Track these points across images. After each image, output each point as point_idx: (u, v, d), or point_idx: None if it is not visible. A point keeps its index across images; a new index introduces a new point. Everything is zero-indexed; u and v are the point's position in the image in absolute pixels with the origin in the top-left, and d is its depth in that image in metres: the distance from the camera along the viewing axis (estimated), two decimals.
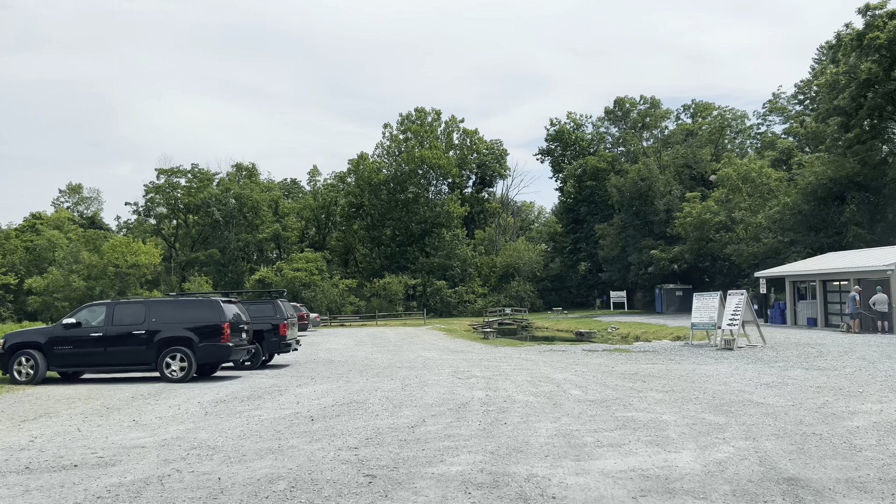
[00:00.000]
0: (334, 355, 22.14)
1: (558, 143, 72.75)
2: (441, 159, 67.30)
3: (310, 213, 75.73)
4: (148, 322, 14.99)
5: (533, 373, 15.46)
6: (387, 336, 33.48)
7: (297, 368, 17.78)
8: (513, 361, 18.58)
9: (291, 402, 11.45)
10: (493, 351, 23.03)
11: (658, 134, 68.25)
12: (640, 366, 16.66)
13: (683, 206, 47.98)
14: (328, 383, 14.17)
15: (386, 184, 68.51)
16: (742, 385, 12.59)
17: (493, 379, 14.34)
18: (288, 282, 59.11)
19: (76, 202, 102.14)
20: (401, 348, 24.85)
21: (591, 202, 65.52)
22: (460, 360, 19.54)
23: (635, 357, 19.04)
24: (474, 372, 15.89)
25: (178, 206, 71.38)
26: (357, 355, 21.88)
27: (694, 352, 19.97)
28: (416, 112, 71.92)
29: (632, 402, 10.66)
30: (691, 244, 46.94)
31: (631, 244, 51.95)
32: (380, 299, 60.62)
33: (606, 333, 38.56)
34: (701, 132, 57.53)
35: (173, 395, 12.85)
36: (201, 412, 10.54)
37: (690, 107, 67.95)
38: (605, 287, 65.03)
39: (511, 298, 62.11)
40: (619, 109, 68.48)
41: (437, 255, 64.17)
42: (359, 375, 15.66)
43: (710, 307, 21.52)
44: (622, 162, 64.40)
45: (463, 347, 25.04)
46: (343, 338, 32.90)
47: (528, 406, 10.41)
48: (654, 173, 50.93)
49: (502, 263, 66.92)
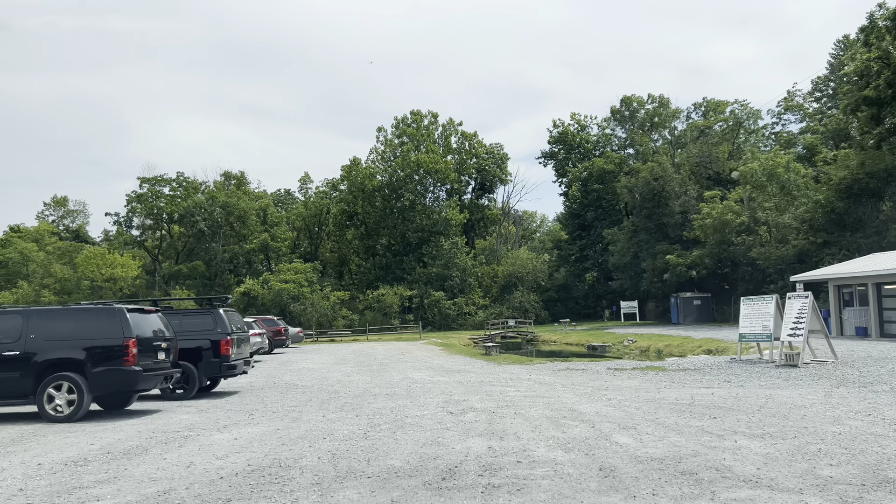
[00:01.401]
0: (303, 378, 18.06)
1: (562, 145, 68.79)
2: (438, 164, 63.39)
3: (301, 222, 71.75)
4: (25, 339, 10.95)
5: (552, 403, 11.40)
6: (375, 352, 29.39)
7: (242, 398, 13.74)
8: (522, 385, 14.53)
9: (183, 462, 7.38)
10: (496, 370, 18.95)
11: (667, 134, 64.44)
12: (691, 391, 12.60)
13: (701, 206, 43.96)
14: (266, 424, 10.10)
15: (380, 190, 64.53)
16: (866, 424, 8.53)
17: (499, 414, 10.28)
18: (275, 294, 55.04)
19: (62, 216, 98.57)
20: (386, 368, 20.76)
21: (598, 207, 61.52)
22: (455, 383, 15.47)
23: (678, 378, 14.97)
24: (472, 402, 11.83)
25: (161, 216, 67.40)
26: (330, 378, 17.80)
27: (749, 370, 15.89)
28: (412, 115, 68.11)
29: (725, 462, 6.61)
30: (711, 248, 42.85)
31: (644, 249, 47.86)
32: (374, 312, 56.47)
33: (623, 347, 34.44)
34: (715, 130, 53.63)
35: (24, 446, 8.79)
36: (14, 488, 6.48)
37: (702, 105, 64.06)
38: (614, 297, 60.90)
39: (514, 310, 57.95)
40: (626, 109, 64.62)
41: (434, 265, 60.10)
42: (316, 410, 11.59)
43: (764, 314, 17.45)
44: (631, 164, 60.54)
45: (460, 366, 20.96)
46: (325, 355, 28.80)
47: (559, 472, 6.36)
48: (668, 172, 46.95)
49: (504, 273, 62.79)
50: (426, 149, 64.55)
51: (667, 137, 59.87)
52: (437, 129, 68.75)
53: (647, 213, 48.01)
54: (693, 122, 56.05)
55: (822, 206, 37.46)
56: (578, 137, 68.67)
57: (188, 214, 65.00)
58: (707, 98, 64.27)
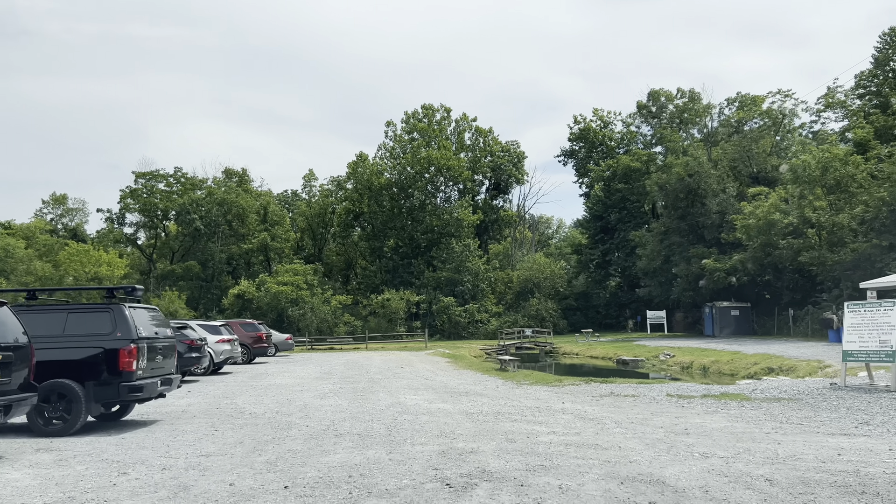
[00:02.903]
0: (261, 400, 13.69)
1: (583, 142, 64.22)
2: (451, 160, 59.04)
3: (304, 222, 67.56)
4: None
5: (613, 461, 6.94)
6: (370, 364, 24.99)
7: (154, 431, 9.40)
8: (557, 420, 10.08)
9: None
10: (516, 393, 14.48)
11: (696, 133, 59.70)
12: (823, 440, 8.09)
13: (742, 205, 39.22)
14: (129, 500, 5.74)
15: (388, 189, 60.25)
16: None
17: (532, 488, 5.85)
18: (272, 297, 50.85)
19: (61, 214, 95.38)
20: (375, 386, 16.34)
21: (623, 208, 56.86)
22: (461, 414, 11.03)
23: (780, 414, 10.44)
24: (485, 457, 7.38)
25: (155, 213, 63.49)
26: (296, 401, 13.40)
27: (871, 402, 11.33)
28: (424, 109, 63.84)
29: None
30: (753, 252, 38.08)
31: (676, 253, 43.10)
32: (378, 318, 52.07)
33: (659, 363, 29.82)
34: (753, 125, 48.91)
35: None
36: None
37: (735, 100, 59.30)
38: (638, 306, 56.14)
39: (530, 318, 53.31)
40: (654, 104, 60.06)
41: (444, 269, 55.65)
42: (228, 468, 7.18)
43: (882, 325, 12.87)
44: (659, 162, 55.92)
45: (470, 384, 16.51)
46: (311, 366, 24.44)
47: None
48: (705, 168, 42.26)
49: (520, 278, 58.22)
50: (438, 145, 60.26)
51: (695, 136, 55.05)
52: (449, 124, 64.47)
53: (681, 214, 43.32)
54: (728, 117, 51.18)
55: (888, 205, 32.69)
56: (601, 135, 64.10)
57: (183, 211, 61.09)
58: (741, 93, 59.55)
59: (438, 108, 63.85)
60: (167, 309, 50.96)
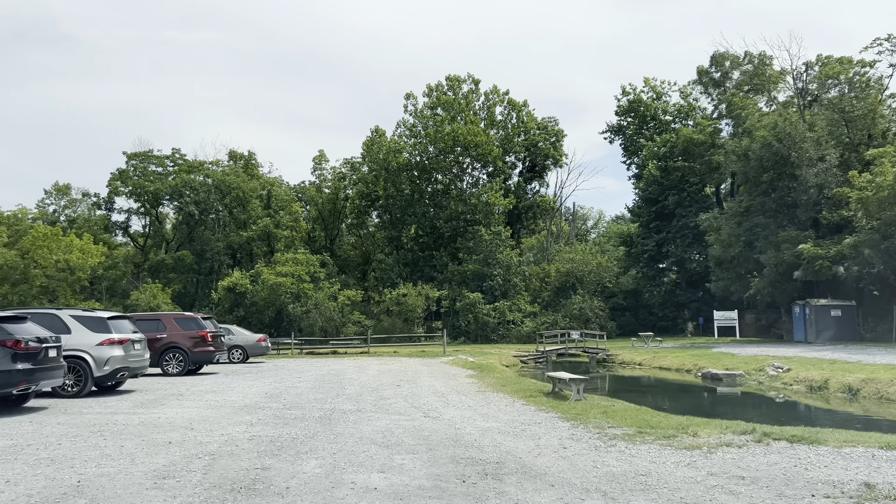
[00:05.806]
0: (19, 480, 5.79)
1: (632, 116, 55.54)
2: (479, 137, 50.92)
3: (315, 210, 59.94)
4: None
5: None
6: (356, 380, 17.00)
7: None
8: None
9: None
10: (608, 465, 6.37)
11: (765, 106, 50.65)
12: None
13: (851, 175, 30.41)
14: None
15: (408, 170, 52.32)
16: None
17: None
18: (270, 291, 43.32)
19: (64, 205, 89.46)
20: (317, 439, 8.35)
21: (682, 190, 48.09)
22: None
23: None
24: None
25: (147, 197, 56.47)
26: (82, 493, 5.45)
27: None
28: (448, 81, 55.71)
29: None
30: (869, 234, 29.28)
31: (761, 238, 34.34)
32: (392, 317, 44.13)
33: (768, 378, 21.23)
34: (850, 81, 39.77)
35: None
36: None
37: (814, 64, 50.10)
38: (699, 305, 47.47)
39: (572, 319, 44.90)
40: (717, 70, 51.14)
41: (471, 261, 47.53)
42: None
43: None
44: (724, 136, 47.16)
45: (505, 433, 8.43)
46: (262, 382, 16.50)
47: None
48: (799, 131, 33.48)
49: (560, 272, 49.84)
50: (464, 120, 52.18)
51: (777, 100, 45.97)
52: (478, 98, 56.27)
53: (765, 189, 34.58)
54: (822, 70, 41.88)
55: None
56: (654, 107, 55.36)
57: (175, 194, 54.00)
58: (821, 55, 50.32)
59: (466, 79, 55.69)
60: (149, 304, 43.76)
